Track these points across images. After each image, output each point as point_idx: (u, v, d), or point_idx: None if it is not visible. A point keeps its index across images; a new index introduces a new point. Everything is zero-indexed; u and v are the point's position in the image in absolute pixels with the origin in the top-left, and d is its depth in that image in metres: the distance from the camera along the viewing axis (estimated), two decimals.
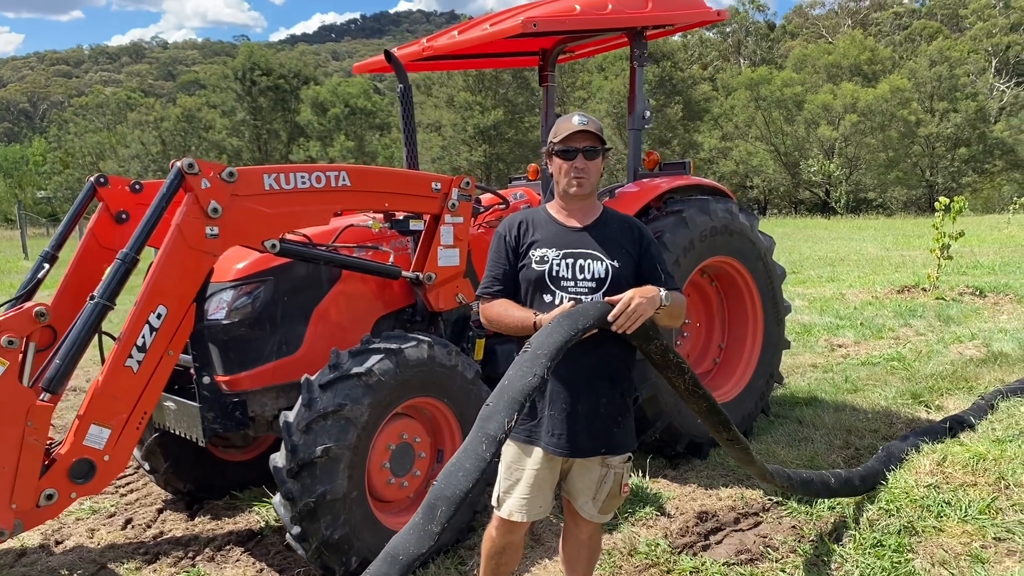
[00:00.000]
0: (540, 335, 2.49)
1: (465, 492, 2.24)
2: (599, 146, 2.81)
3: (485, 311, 2.89)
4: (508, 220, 2.96)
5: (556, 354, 2.42)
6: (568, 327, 2.48)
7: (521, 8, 5.03)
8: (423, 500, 2.30)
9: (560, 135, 2.81)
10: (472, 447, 2.31)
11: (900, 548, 3.77)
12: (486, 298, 2.90)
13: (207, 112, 54.03)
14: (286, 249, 3.76)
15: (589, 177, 2.82)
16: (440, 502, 2.25)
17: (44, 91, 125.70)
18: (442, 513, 2.22)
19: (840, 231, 27.82)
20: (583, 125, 2.78)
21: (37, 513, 3.12)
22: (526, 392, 2.35)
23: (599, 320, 2.55)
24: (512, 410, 2.32)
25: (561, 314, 2.56)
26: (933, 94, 47.92)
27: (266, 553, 4.08)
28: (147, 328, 3.29)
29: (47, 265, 4.03)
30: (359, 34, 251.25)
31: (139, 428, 3.33)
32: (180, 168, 3.39)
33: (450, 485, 2.26)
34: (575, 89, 49.87)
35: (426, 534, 2.22)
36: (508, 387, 2.38)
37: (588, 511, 2.95)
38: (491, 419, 2.33)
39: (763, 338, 5.59)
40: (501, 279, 2.88)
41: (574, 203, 2.89)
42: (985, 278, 12.99)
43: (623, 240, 2.87)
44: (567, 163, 2.81)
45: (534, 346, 2.45)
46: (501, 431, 2.30)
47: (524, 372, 2.38)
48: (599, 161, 2.84)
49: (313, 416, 3.41)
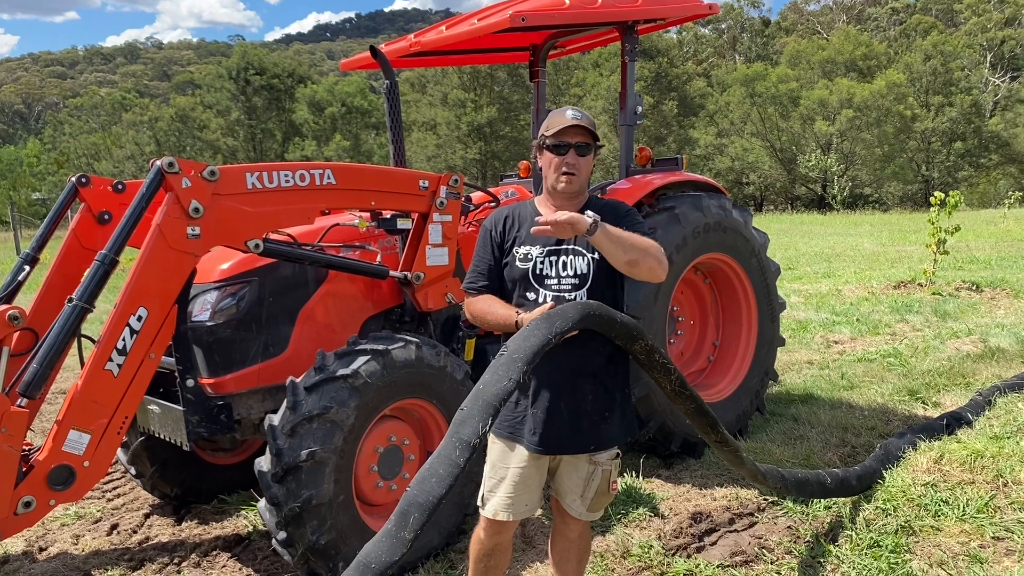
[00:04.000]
0: (517, 338, 2.44)
1: (438, 498, 2.19)
2: (591, 142, 2.75)
3: (469, 306, 2.86)
4: (495, 214, 2.92)
5: (533, 358, 2.37)
6: (545, 330, 2.43)
7: (510, 2, 4.97)
8: (396, 506, 2.25)
9: (552, 129, 2.74)
10: (446, 452, 2.26)
11: (897, 548, 3.72)
12: (471, 293, 2.86)
13: (202, 112, 53.89)
14: (270, 249, 3.69)
15: (579, 173, 2.76)
16: (413, 508, 2.20)
17: (39, 92, 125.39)
18: (414, 520, 2.18)
19: (836, 227, 27.79)
20: (576, 120, 2.71)
21: (15, 521, 3.05)
22: (501, 397, 2.31)
23: (577, 322, 2.50)
24: (487, 415, 2.27)
25: (540, 316, 2.51)
26: (928, 89, 47.99)
27: (253, 558, 4.01)
28: (127, 331, 3.23)
29: (28, 267, 3.96)
30: (354, 33, 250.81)
31: (120, 433, 3.26)
32: (160, 167, 3.33)
33: (423, 491, 2.21)
34: (570, 86, 49.82)
35: (398, 541, 2.18)
36: (483, 391, 2.33)
37: (577, 509, 2.90)
38: (465, 424, 2.28)
39: (757, 335, 5.53)
40: (486, 274, 2.84)
41: (563, 198, 2.82)
42: (981, 273, 12.95)
43: None
44: (558, 158, 2.74)
45: (511, 350, 2.40)
46: (475, 436, 2.25)
47: (499, 376, 2.34)
48: (590, 158, 2.78)
49: (298, 419, 3.35)
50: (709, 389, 5.40)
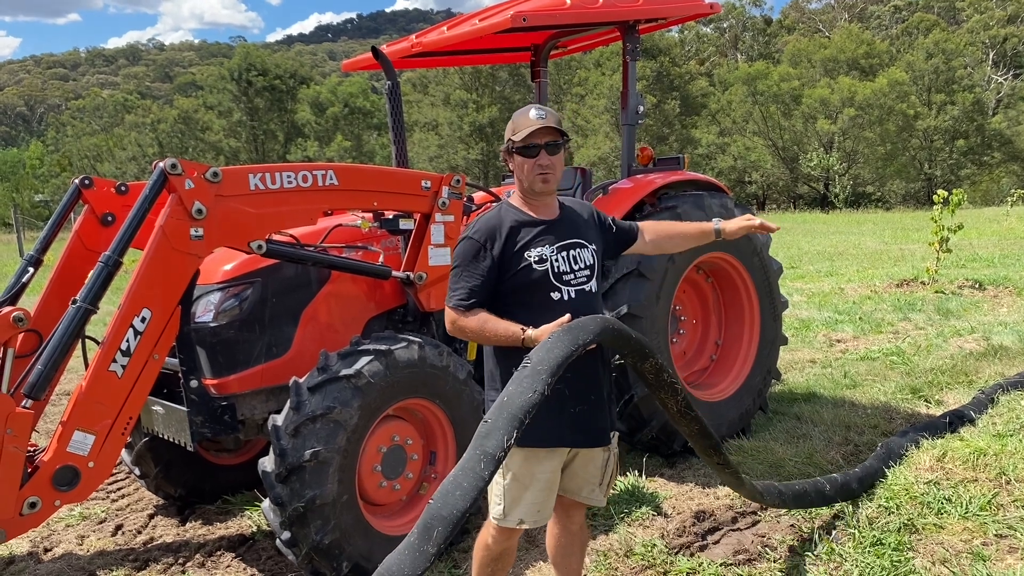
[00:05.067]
0: (540, 350, 2.42)
1: (462, 512, 2.16)
2: (560, 139, 2.76)
3: (456, 323, 2.74)
4: (481, 227, 2.78)
5: (557, 370, 2.36)
6: (569, 342, 2.43)
7: (511, 3, 4.97)
8: (419, 519, 2.21)
9: (520, 132, 2.73)
10: (470, 465, 2.23)
11: (900, 546, 3.71)
12: (460, 310, 2.73)
13: (204, 113, 53.95)
14: (273, 250, 3.70)
15: (555, 171, 2.78)
16: (436, 522, 2.16)
17: (41, 94, 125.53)
18: (438, 534, 2.14)
19: (839, 225, 27.75)
20: (542, 120, 2.71)
21: (20, 521, 3.07)
22: (526, 409, 2.28)
23: (597, 335, 2.52)
24: (512, 427, 2.24)
25: (561, 328, 2.51)
26: (930, 87, 47.88)
27: (257, 558, 4.02)
28: (131, 332, 3.24)
29: (32, 269, 3.97)
30: (356, 34, 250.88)
31: (124, 434, 3.28)
32: (163, 169, 3.34)
33: (447, 505, 2.18)
34: (572, 85, 49.79)
35: (422, 555, 2.14)
36: (508, 403, 2.30)
37: (596, 498, 2.97)
38: (490, 436, 2.25)
39: (760, 334, 5.54)
40: (478, 291, 2.72)
41: (542, 198, 2.84)
42: (984, 271, 12.92)
43: (589, 222, 2.94)
44: (531, 160, 2.75)
45: (534, 361, 2.37)
46: (500, 449, 2.22)
47: (524, 388, 2.31)
48: (562, 154, 2.81)
49: (301, 419, 3.36)
50: (712, 388, 5.41)
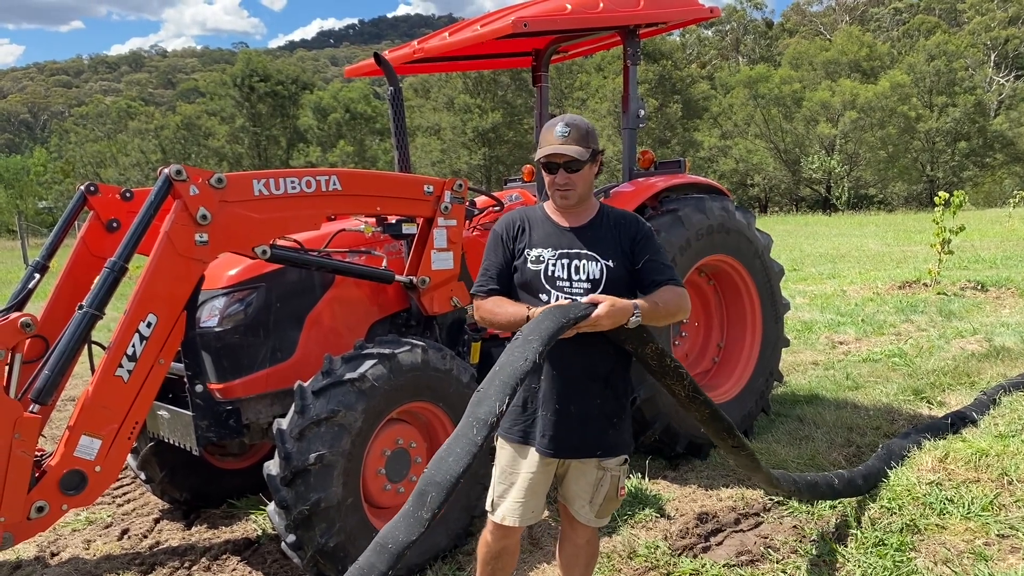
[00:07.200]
0: (531, 324, 2.45)
1: (456, 477, 2.16)
2: (582, 158, 2.70)
3: (478, 308, 2.85)
4: (506, 217, 2.91)
5: (548, 340, 2.35)
6: (559, 315, 2.43)
7: (512, 8, 5.00)
8: (413, 488, 2.23)
9: (542, 148, 2.74)
10: (463, 431, 2.24)
11: (902, 547, 3.73)
12: (480, 296, 2.85)
13: (206, 120, 54.09)
14: (277, 255, 3.72)
15: (574, 189, 2.75)
16: (430, 487, 2.17)
17: (44, 101, 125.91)
18: (432, 499, 2.15)
19: (841, 227, 27.76)
20: (562, 139, 2.69)
21: (28, 526, 3.08)
22: (518, 376, 2.28)
23: (591, 311, 2.51)
24: (504, 394, 2.25)
25: (553, 305, 2.55)
26: (932, 89, 47.91)
27: (263, 562, 4.04)
28: (137, 337, 3.26)
29: (38, 275, 3.99)
30: (358, 39, 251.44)
31: (131, 438, 3.29)
32: (168, 175, 3.36)
33: (440, 471, 2.19)
34: (573, 90, 49.86)
35: (416, 521, 2.15)
36: (499, 372, 2.31)
37: (585, 515, 2.91)
38: (482, 403, 2.26)
39: (762, 336, 5.55)
40: (495, 277, 2.83)
41: (566, 208, 2.85)
42: (986, 272, 12.93)
43: (618, 239, 2.79)
44: (551, 176, 2.75)
45: (525, 332, 2.39)
46: (492, 415, 2.23)
47: (515, 357, 2.32)
48: (586, 170, 2.74)
49: (306, 423, 3.38)
50: (714, 391, 5.42)
